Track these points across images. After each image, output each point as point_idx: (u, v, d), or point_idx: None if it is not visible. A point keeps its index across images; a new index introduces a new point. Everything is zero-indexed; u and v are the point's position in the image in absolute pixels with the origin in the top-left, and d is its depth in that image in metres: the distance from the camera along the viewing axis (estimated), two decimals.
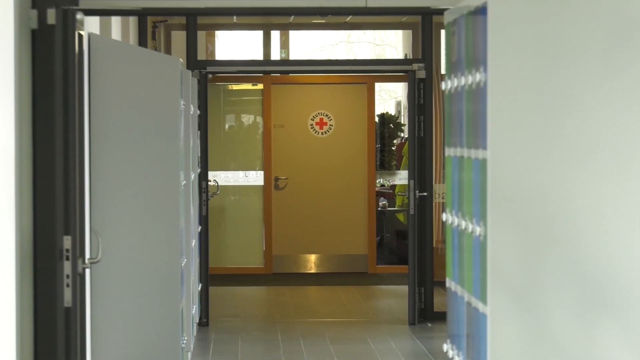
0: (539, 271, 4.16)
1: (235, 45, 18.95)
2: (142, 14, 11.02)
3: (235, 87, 14.97)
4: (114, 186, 7.67)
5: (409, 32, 15.48)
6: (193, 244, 9.76)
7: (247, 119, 14.93)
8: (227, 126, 14.87)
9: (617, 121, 4.15)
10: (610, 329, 4.15)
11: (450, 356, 4.95)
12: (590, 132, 4.16)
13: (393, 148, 16.83)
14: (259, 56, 15.61)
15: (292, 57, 16.26)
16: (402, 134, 16.96)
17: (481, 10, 4.32)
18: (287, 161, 14.78)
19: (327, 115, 14.85)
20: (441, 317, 10.68)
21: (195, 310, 10.04)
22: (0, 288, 5.32)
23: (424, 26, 11.51)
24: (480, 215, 4.34)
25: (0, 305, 5.32)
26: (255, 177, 14.77)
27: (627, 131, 4.15)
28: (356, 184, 14.78)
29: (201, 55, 13.04)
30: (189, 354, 9.15)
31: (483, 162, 4.30)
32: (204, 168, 11.09)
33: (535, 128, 4.16)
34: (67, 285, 5.58)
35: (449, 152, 4.96)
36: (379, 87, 16.65)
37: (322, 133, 14.86)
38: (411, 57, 14.16)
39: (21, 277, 5.43)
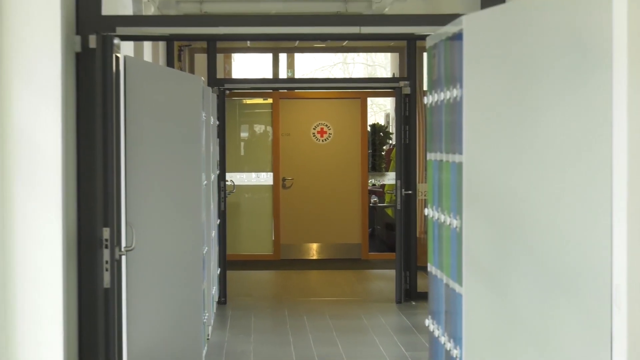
0: (506, 258, 4.16)
1: (248, 65, 18.94)
2: (169, 39, 11.02)
3: (248, 101, 14.97)
4: (145, 185, 7.67)
5: (397, 54, 15.49)
6: (213, 235, 9.76)
7: (258, 128, 14.93)
8: (241, 134, 14.87)
9: (574, 131, 4.15)
10: (567, 307, 4.15)
11: (431, 330, 4.95)
12: (552, 141, 4.16)
13: (383, 153, 16.81)
14: (269, 75, 15.63)
15: (297, 75, 16.27)
16: (390, 141, 16.94)
17: (458, 36, 4.32)
18: (293, 164, 14.78)
19: (326, 125, 14.85)
20: (423, 296, 10.68)
21: (214, 290, 10.05)
22: (49, 272, 5.33)
23: (409, 49, 11.51)
24: (457, 210, 4.34)
25: (49, 286, 5.33)
26: (266, 178, 14.77)
27: (583, 140, 4.15)
28: (351, 183, 14.78)
29: (220, 74, 13.05)
30: (210, 328, 9.17)
31: (459, 165, 4.29)
32: (222, 170, 11.09)
33: (504, 136, 4.16)
34: (106, 270, 5.58)
35: (430, 156, 4.96)
36: (370, 101, 16.65)
37: (322, 140, 14.85)
38: (398, 76, 14.14)
39: (67, 263, 5.44)
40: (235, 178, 13.87)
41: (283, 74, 15.75)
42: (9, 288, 5.28)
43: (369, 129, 15.72)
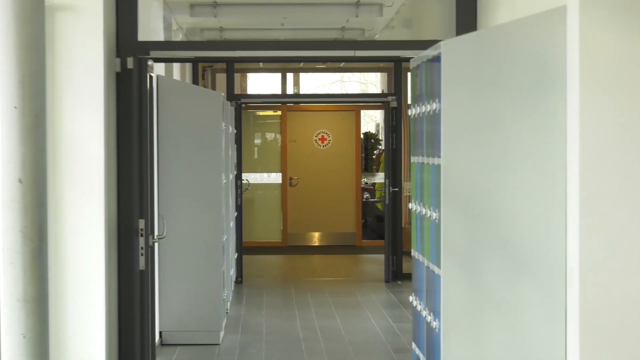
0: (478, 244, 4.15)
1: (261, 83, 18.91)
2: (195, 61, 11.02)
3: (261, 113, 14.96)
4: (175, 184, 7.67)
5: (385, 73, 15.48)
6: (231, 225, 9.76)
7: (269, 135, 14.92)
8: (255, 141, 14.86)
9: (535, 138, 4.15)
10: (529, 286, 4.15)
11: (415, 305, 4.94)
12: (516, 146, 4.16)
13: (373, 156, 16.79)
14: (278, 91, 15.63)
15: (301, 91, 16.27)
16: (380, 147, 16.92)
17: (437, 59, 4.32)
18: (298, 166, 14.77)
19: (326, 133, 14.83)
20: (408, 277, 10.68)
21: (232, 272, 10.04)
22: (93, 257, 5.33)
23: (395, 70, 11.50)
24: (436, 205, 4.33)
25: (94, 267, 5.33)
26: (276, 177, 14.76)
27: (542, 146, 4.15)
28: (347, 181, 14.77)
29: (237, 91, 13.03)
30: (229, 303, 9.16)
31: (438, 167, 4.29)
32: (239, 171, 11.08)
33: (476, 142, 4.16)
34: (142, 255, 5.58)
35: (414, 159, 4.95)
36: (363, 113, 16.58)
37: (323, 146, 14.84)
38: (386, 92, 14.14)
39: (108, 249, 5.44)
40: (250, 177, 13.86)
41: (290, 90, 15.75)
42: (60, 270, 5.29)
43: (362, 136, 15.69)
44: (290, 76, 15.78)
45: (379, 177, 15.81)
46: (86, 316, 5.31)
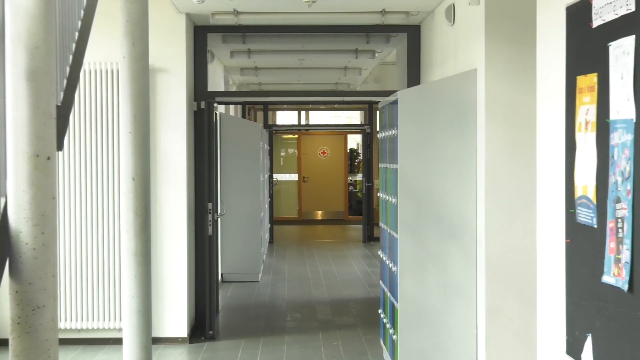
0: (421, 219, 4.14)
1: (284, 117, 18.86)
2: (243, 104, 11.00)
3: (285, 136, 14.95)
4: (230, 180, 7.67)
5: (363, 111, 15.46)
6: (266, 206, 9.75)
7: (290, 150, 14.90)
8: (281, 154, 14.85)
9: (455, 153, 4.13)
10: (454, 245, 4.14)
11: (382, 257, 4.93)
12: (444, 157, 4.14)
13: (356, 163, 16.76)
14: (296, 122, 15.60)
15: (311, 123, 16.23)
16: (359, 157, 16.89)
17: (395, 102, 4.31)
18: (308, 169, 14.75)
19: (326, 149, 14.82)
20: (377, 239, 10.66)
21: (267, 236, 10.03)
22: (179, 227, 5.32)
23: (369, 109, 11.48)
24: (395, 194, 4.32)
25: (179, 234, 5.32)
26: (294, 177, 14.74)
27: (462, 157, 4.13)
28: (339, 179, 14.75)
29: (270, 122, 13.02)
30: (264, 256, 9.16)
31: (396, 170, 4.28)
32: (271, 172, 11.07)
33: (420, 155, 4.15)
34: (210, 225, 5.57)
35: (381, 165, 4.94)
36: (349, 136, 16.53)
37: (324, 157, 14.83)
38: (364, 123, 14.13)
39: (188, 222, 5.43)
40: (278, 177, 13.85)
41: (303, 122, 15.72)
42: (158, 235, 5.29)
43: (348, 150, 15.67)
44: (303, 113, 15.75)
45: (359, 176, 15.78)
46: (174, 264, 5.31)
